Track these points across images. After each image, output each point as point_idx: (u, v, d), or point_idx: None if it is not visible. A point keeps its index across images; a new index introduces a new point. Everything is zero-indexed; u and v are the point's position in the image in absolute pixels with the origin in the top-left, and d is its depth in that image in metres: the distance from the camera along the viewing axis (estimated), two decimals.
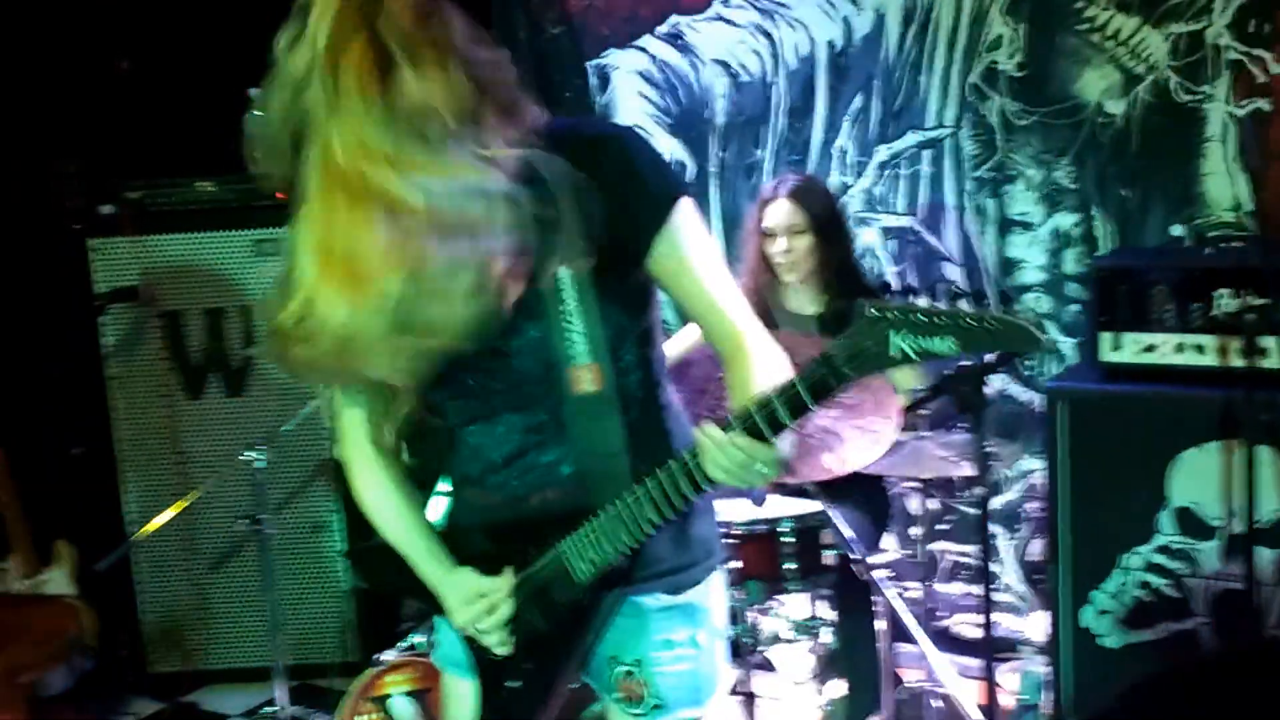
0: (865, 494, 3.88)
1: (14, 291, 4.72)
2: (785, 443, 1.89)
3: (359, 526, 4.12)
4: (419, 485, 2.23)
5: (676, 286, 2.05)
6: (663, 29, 4.67)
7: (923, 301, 1.72)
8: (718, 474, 1.89)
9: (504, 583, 2.12)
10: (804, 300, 3.98)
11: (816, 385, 1.79)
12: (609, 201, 1.96)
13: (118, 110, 4.76)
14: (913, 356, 1.72)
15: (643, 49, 4.70)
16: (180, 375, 4.51)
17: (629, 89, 4.73)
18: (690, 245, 2.02)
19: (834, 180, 4.45)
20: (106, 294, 4.43)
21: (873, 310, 1.73)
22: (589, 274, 1.99)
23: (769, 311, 3.93)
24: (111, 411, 4.54)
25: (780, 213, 3.87)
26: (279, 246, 4.39)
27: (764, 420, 1.83)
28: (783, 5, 4.46)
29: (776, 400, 1.82)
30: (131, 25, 4.79)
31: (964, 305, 1.69)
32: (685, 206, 2.02)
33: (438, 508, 2.26)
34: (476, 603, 2.12)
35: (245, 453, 3.69)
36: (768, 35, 4.51)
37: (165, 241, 4.45)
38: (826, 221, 3.89)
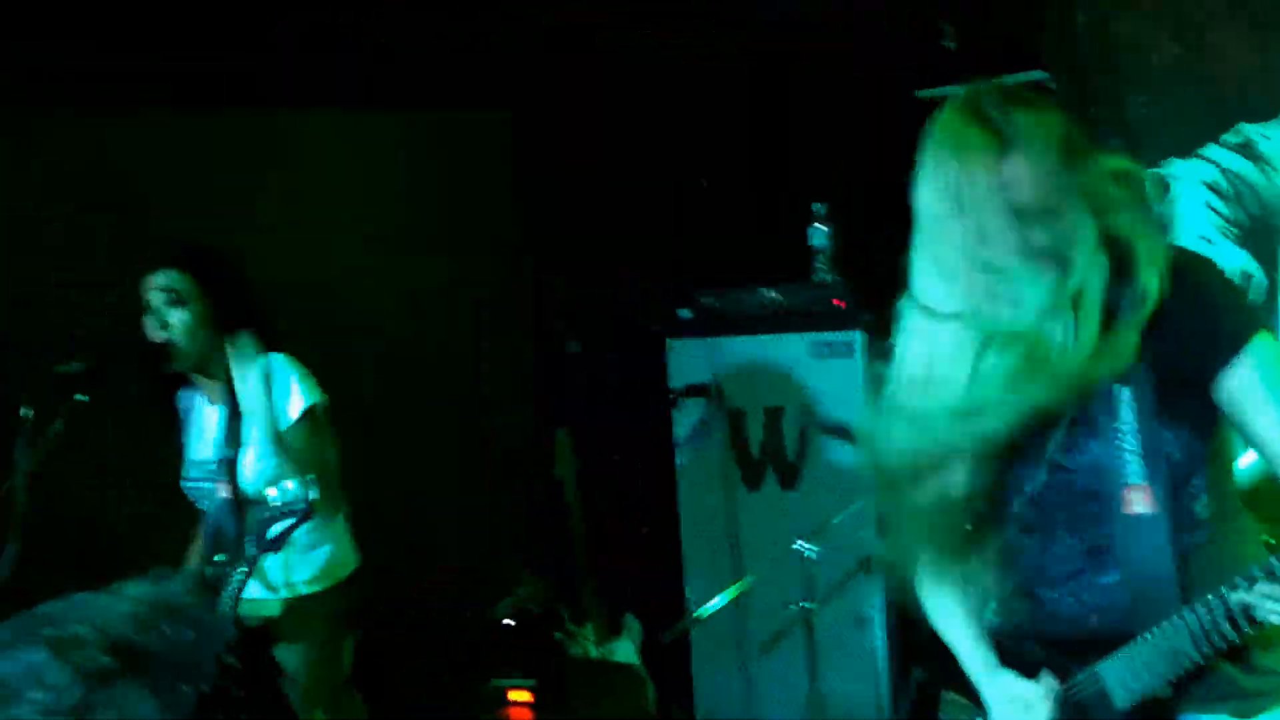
0: None
1: (602, 384, 5.17)
2: None
3: (905, 622, 4.20)
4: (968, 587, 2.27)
5: (1242, 422, 2.02)
6: (1230, 138, 4.50)
7: None
8: (1269, 616, 1.85)
9: (1044, 690, 2.12)
10: None
11: None
12: (1178, 327, 1.98)
13: (697, 224, 5.17)
14: None
15: (1207, 158, 4.55)
16: (740, 467, 4.75)
17: (1192, 198, 4.58)
18: (1261, 383, 1.99)
19: None
20: (681, 389, 4.78)
21: None
22: (1151, 394, 1.99)
23: None
24: (679, 497, 4.85)
25: None
26: (835, 349, 4.60)
27: None
28: None
29: None
30: (711, 149, 5.21)
31: None
32: (1261, 343, 2.00)
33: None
34: (1015, 705, 2.14)
35: (797, 543, 3.81)
36: None
37: (733, 343, 4.73)
38: None
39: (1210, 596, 1.92)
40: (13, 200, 4.19)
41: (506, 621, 4.56)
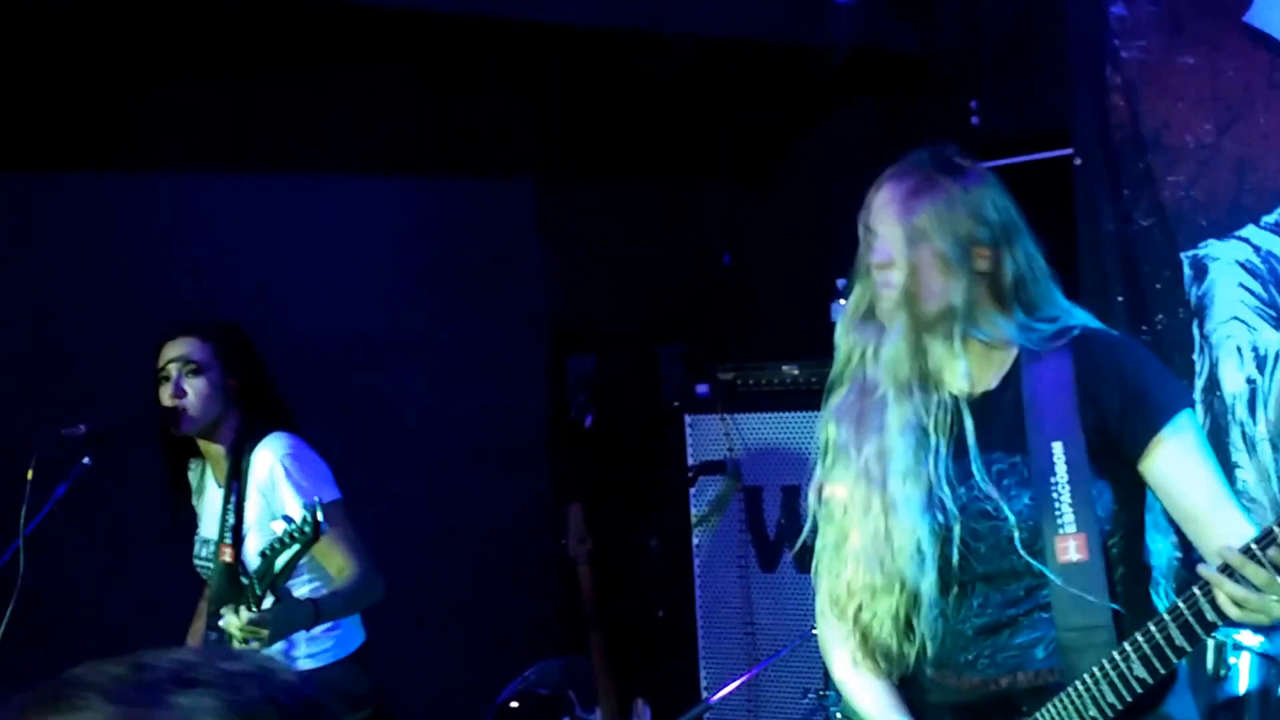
0: None
1: (618, 459, 5.18)
2: None
3: None
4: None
5: (1166, 491, 2.16)
6: (1270, 219, 4.46)
7: None
8: (1231, 609, 1.91)
9: None
10: None
11: None
12: (1114, 398, 2.15)
13: (717, 301, 5.25)
14: None
15: (1245, 239, 4.51)
16: (756, 548, 4.71)
17: (1228, 280, 4.54)
18: (1184, 456, 2.14)
19: None
20: (698, 466, 4.74)
21: None
22: (1082, 452, 2.13)
23: None
24: (695, 577, 4.81)
25: None
26: None
27: None
28: None
29: None
30: (733, 227, 5.28)
31: None
32: (1185, 420, 2.15)
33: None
34: None
35: (814, 628, 3.77)
36: None
37: (751, 420, 4.72)
38: None
39: (1165, 613, 1.99)
40: (23, 263, 4.18)
41: (513, 705, 4.52)
